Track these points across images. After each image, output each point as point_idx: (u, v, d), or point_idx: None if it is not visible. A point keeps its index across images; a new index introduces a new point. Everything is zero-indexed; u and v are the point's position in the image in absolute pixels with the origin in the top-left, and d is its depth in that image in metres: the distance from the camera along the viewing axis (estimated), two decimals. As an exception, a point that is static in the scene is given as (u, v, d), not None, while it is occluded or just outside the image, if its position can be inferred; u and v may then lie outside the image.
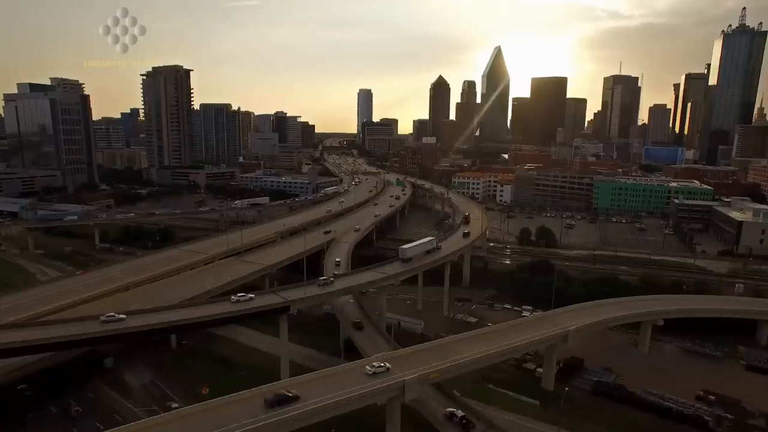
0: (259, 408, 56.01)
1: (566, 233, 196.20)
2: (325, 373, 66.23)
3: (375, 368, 64.10)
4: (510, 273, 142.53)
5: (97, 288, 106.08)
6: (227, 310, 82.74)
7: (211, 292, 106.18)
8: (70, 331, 74.25)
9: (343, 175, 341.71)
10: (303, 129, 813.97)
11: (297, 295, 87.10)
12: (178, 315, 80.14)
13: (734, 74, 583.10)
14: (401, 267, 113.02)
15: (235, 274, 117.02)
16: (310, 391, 59.61)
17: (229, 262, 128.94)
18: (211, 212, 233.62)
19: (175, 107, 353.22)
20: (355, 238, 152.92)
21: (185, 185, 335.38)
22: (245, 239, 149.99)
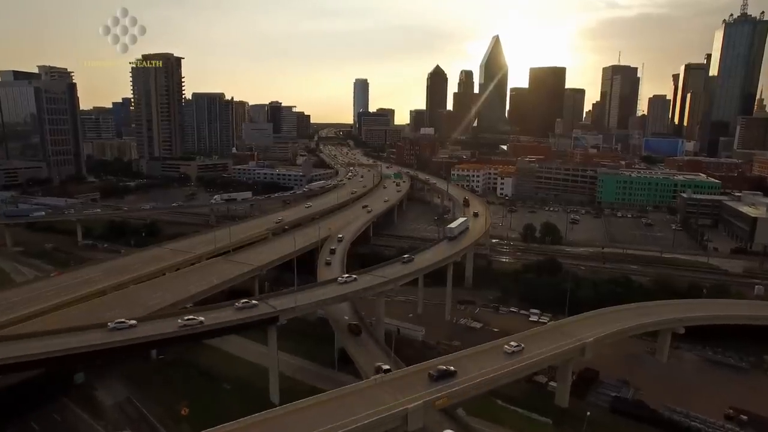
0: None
1: (571, 229, 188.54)
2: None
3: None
4: (515, 273, 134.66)
5: (72, 292, 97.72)
6: (229, 318, 74.79)
7: (196, 296, 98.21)
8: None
9: (339, 167, 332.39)
10: (298, 119, 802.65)
11: (287, 303, 78.82)
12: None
13: (735, 64, 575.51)
14: (403, 269, 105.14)
15: (223, 275, 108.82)
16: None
17: (216, 262, 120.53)
18: (194, 207, 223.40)
19: (165, 96, 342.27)
20: (350, 235, 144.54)
21: (176, 177, 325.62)
22: (234, 236, 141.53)
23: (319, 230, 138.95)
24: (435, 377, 61.87)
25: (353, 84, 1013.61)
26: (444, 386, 60.14)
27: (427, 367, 64.39)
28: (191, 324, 71.63)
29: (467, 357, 69.89)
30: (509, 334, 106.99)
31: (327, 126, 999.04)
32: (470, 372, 64.17)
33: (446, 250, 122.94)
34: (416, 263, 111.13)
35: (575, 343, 74.15)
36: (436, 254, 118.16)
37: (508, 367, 66.36)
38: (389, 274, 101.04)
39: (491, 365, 66.60)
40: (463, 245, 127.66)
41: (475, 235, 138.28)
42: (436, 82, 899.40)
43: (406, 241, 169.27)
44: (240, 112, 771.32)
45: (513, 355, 70.05)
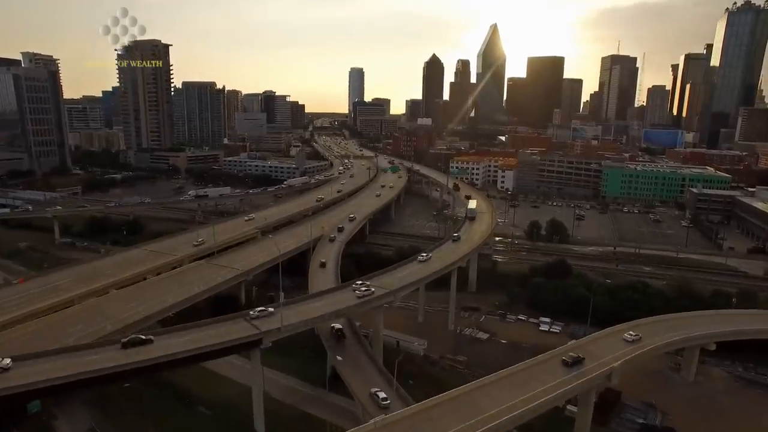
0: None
1: (577, 225, 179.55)
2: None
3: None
4: (522, 276, 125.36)
5: (36, 302, 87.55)
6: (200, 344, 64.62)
7: (174, 306, 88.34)
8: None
9: (334, 158, 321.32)
10: (292, 109, 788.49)
11: (272, 323, 69.01)
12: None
13: (737, 54, 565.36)
14: (418, 270, 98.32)
15: (205, 282, 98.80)
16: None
17: (199, 266, 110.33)
18: (176, 203, 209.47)
19: (153, 85, 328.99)
20: (345, 235, 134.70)
21: (165, 169, 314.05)
22: (221, 235, 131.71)
23: (311, 229, 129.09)
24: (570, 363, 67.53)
25: (348, 73, 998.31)
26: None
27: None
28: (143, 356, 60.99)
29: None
30: (518, 345, 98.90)
31: (322, 116, 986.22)
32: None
33: (454, 251, 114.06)
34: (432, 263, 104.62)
35: (602, 370, 64.77)
36: (445, 256, 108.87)
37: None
38: (399, 280, 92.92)
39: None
40: (474, 243, 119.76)
41: (482, 235, 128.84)
42: (433, 71, 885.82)
43: (405, 240, 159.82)
44: (233, 101, 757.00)
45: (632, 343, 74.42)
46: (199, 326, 69.06)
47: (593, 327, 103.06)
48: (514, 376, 63.31)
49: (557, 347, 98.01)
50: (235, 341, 63.91)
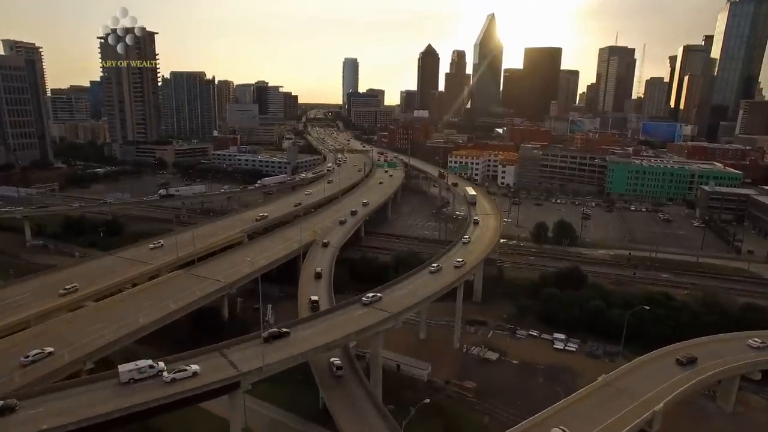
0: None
1: (584, 226, 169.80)
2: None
3: None
4: (531, 285, 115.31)
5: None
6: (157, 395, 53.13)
7: (146, 328, 77.61)
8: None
9: (327, 152, 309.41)
10: (285, 100, 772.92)
11: (253, 362, 58.09)
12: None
13: (738, 46, 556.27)
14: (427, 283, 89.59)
15: (183, 297, 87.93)
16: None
17: (178, 277, 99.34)
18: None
19: (138, 75, 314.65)
20: (339, 239, 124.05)
21: (151, 163, 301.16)
22: (203, 240, 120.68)
23: (301, 233, 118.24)
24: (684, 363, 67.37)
25: (342, 63, 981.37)
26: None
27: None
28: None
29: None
30: (532, 367, 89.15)
31: (315, 106, 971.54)
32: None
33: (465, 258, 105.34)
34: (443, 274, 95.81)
35: (644, 416, 54.78)
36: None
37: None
38: (406, 296, 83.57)
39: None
40: (485, 248, 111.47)
41: (488, 243, 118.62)
42: (428, 62, 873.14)
43: (403, 243, 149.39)
44: (225, 92, 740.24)
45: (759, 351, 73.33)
46: (166, 362, 58.18)
47: (611, 344, 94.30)
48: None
49: (574, 368, 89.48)
50: (207, 387, 52.92)
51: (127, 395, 52.00)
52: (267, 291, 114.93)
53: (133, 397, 51.23)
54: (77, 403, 51.12)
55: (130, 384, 54.11)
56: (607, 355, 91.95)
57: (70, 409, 49.72)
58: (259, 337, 65.24)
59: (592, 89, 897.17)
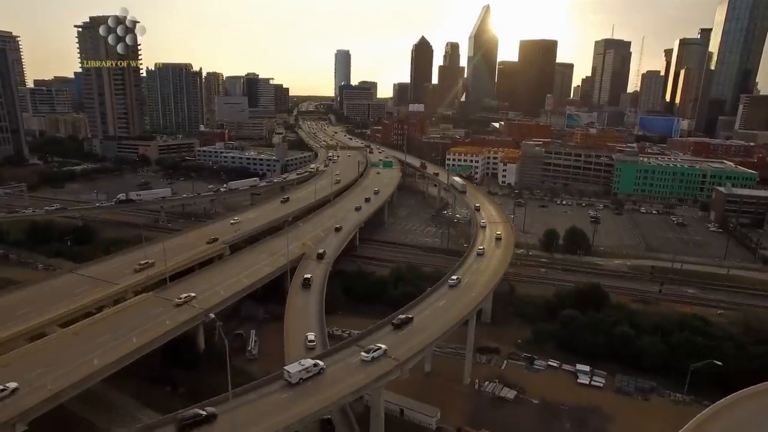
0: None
1: (595, 230, 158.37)
2: None
3: None
4: (546, 304, 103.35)
5: None
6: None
7: (101, 372, 64.58)
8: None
9: (319, 148, 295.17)
10: (276, 92, 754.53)
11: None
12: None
13: (738, 39, 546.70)
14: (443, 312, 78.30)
15: (149, 329, 74.98)
16: None
17: (147, 301, 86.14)
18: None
19: (119, 67, 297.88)
20: (332, 252, 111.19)
21: (134, 159, 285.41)
22: (179, 252, 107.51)
23: (288, 244, 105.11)
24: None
25: (334, 55, 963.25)
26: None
27: None
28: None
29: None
30: (555, 408, 77.16)
31: (307, 99, 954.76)
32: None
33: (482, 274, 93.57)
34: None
35: None
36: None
37: None
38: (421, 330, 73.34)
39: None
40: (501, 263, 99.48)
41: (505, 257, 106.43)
42: (422, 54, 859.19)
43: (402, 251, 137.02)
44: (214, 84, 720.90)
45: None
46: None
47: (642, 377, 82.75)
48: None
49: (604, 409, 77.76)
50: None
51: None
52: (250, 312, 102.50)
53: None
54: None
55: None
56: (640, 392, 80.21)
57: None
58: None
59: (587, 82, 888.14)
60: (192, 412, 49.97)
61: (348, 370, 61.72)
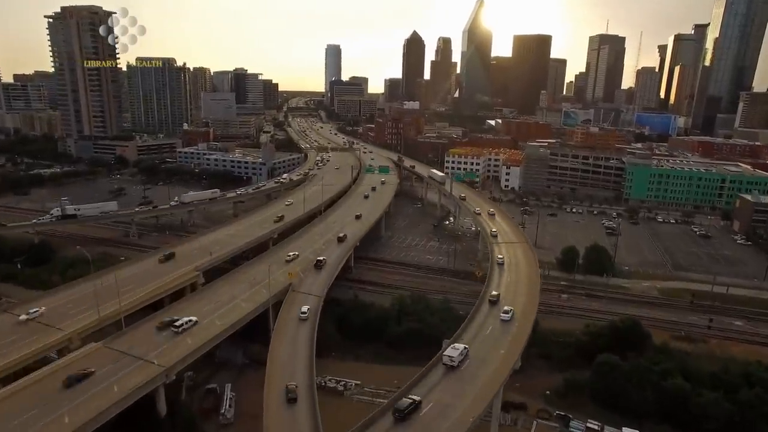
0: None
1: (613, 244, 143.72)
2: None
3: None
4: (577, 344, 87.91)
5: None
6: None
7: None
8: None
9: (309, 149, 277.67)
10: (265, 88, 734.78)
11: None
12: None
13: (736, 35, 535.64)
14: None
15: (91, 401, 58.22)
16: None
17: (95, 352, 69.36)
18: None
19: (93, 61, 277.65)
20: (324, 281, 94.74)
21: (111, 162, 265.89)
22: (142, 282, 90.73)
23: (269, 272, 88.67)
24: None
25: (325, 50, 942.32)
26: None
27: None
28: None
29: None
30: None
31: (297, 94, 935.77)
32: None
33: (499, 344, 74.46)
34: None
35: None
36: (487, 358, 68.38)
37: None
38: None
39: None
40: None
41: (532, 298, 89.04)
42: (413, 49, 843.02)
43: (403, 273, 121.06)
44: (201, 80, 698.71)
45: None
46: None
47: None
48: None
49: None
50: None
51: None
52: (227, 356, 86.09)
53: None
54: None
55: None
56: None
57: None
58: None
59: (580, 78, 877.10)
60: None
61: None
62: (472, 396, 59.29)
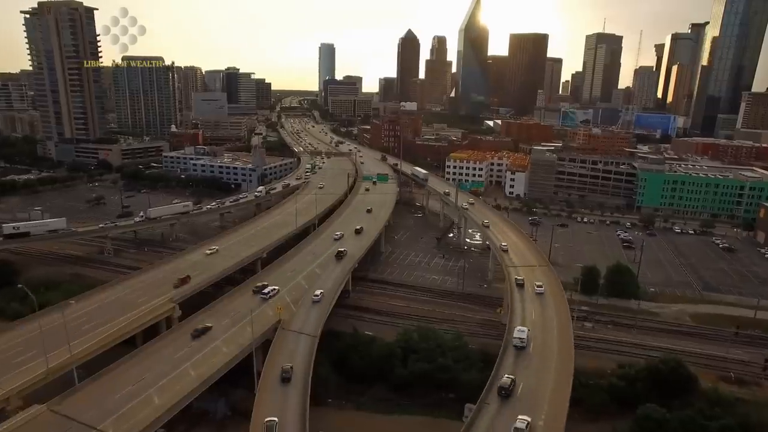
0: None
1: (633, 260, 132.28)
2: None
3: None
4: (611, 389, 75.67)
5: None
6: None
7: None
8: None
9: (303, 153, 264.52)
10: (258, 87, 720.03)
11: None
12: None
13: (737, 34, 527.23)
14: None
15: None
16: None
17: (37, 419, 56.48)
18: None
19: (74, 60, 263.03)
20: (318, 316, 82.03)
21: (91, 167, 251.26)
22: (107, 317, 77.93)
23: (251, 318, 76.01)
24: None
25: (318, 49, 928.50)
26: None
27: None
28: None
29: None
30: None
31: (290, 94, 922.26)
32: None
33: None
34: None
35: None
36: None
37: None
38: None
39: None
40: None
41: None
42: (408, 48, 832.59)
43: (407, 298, 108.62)
44: (192, 79, 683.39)
45: None
46: None
47: None
48: None
49: None
50: None
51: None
52: (206, 407, 73.55)
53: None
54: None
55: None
56: None
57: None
58: None
59: (577, 78, 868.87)
60: None
61: None
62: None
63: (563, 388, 62.31)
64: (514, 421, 54.92)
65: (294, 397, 61.42)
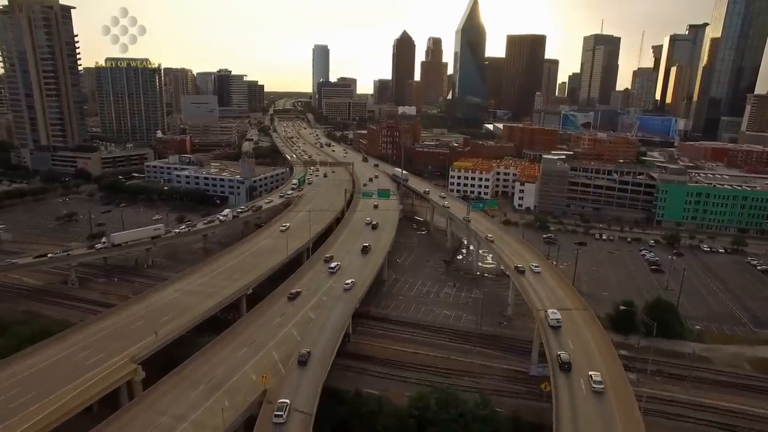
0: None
1: (665, 288, 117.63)
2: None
3: None
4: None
5: None
6: None
7: None
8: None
9: (295, 162, 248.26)
10: (250, 89, 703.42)
11: None
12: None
13: (738, 36, 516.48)
14: None
15: None
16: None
17: None
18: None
19: (50, 62, 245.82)
20: (313, 383, 66.14)
21: (65, 178, 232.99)
22: (51, 382, 61.95)
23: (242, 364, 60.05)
24: None
25: (312, 50, 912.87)
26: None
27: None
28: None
29: None
30: None
31: (284, 96, 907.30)
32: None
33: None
34: None
35: None
36: None
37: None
38: None
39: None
40: None
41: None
42: (403, 49, 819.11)
43: (415, 342, 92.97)
44: (183, 82, 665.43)
45: None
46: None
47: None
48: None
49: None
50: None
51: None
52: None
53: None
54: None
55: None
56: None
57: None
58: None
59: (574, 79, 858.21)
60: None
61: None
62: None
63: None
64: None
65: None
